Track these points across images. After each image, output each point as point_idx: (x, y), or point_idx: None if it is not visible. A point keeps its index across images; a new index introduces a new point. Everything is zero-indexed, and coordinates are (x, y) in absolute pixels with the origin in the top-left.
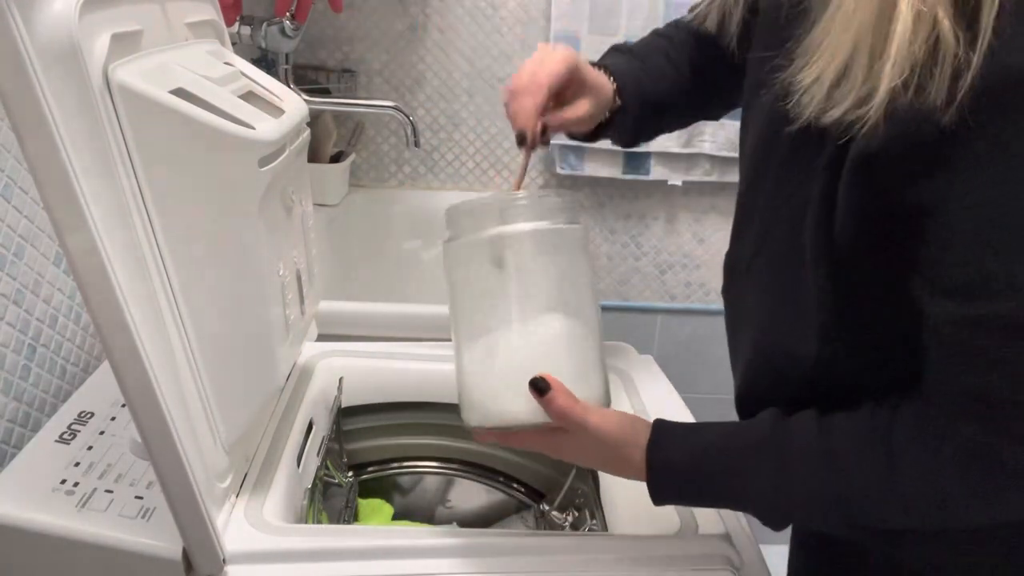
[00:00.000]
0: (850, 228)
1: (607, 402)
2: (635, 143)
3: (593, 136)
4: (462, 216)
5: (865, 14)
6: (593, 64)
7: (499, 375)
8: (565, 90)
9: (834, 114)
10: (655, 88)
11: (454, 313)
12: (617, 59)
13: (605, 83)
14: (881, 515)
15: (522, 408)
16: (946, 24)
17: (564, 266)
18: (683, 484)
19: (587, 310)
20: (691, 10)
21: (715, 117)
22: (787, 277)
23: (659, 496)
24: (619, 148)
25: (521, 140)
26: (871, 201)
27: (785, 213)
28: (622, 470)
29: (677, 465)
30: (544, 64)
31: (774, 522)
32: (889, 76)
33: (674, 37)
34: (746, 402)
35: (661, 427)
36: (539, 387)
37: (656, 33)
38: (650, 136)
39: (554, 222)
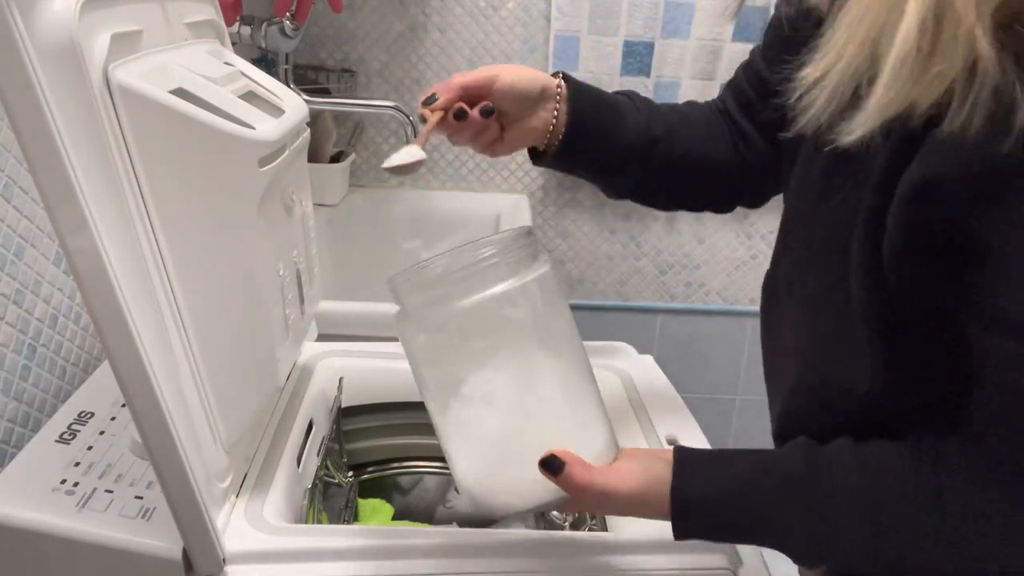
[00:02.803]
0: (900, 256)
1: (615, 445)
2: (624, 188)
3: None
4: (417, 289)
5: (874, 18)
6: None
7: (497, 464)
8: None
9: (823, 121)
10: (645, 128)
11: (426, 397)
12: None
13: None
14: (926, 556)
15: (536, 492)
16: (984, 47)
17: (544, 319)
18: (708, 524)
19: (573, 354)
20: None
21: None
22: (835, 303)
23: (682, 535)
24: None
25: (429, 100)
26: (923, 231)
27: (825, 231)
28: (645, 516)
29: (702, 505)
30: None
31: (808, 561)
32: (881, 92)
33: (691, 106)
34: (787, 430)
35: (684, 462)
36: (552, 467)
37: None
38: (660, 189)
39: (524, 276)
